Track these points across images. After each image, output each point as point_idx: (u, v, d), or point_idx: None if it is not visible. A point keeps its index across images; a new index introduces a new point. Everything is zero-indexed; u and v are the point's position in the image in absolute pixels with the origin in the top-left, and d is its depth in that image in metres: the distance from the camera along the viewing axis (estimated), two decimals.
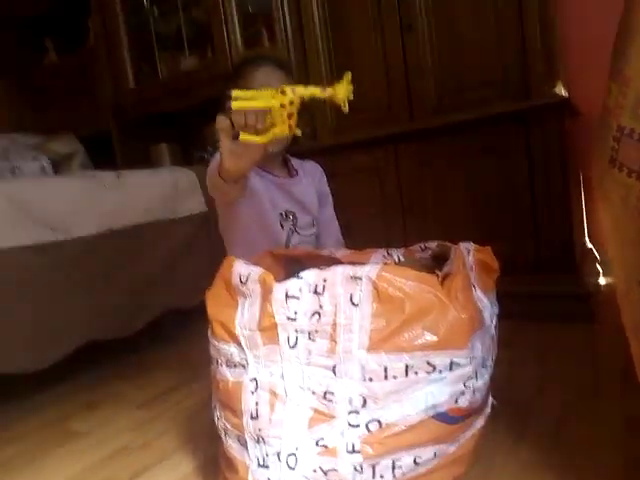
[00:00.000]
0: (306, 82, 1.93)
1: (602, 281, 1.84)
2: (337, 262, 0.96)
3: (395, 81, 1.83)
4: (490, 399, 0.83)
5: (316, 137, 2.03)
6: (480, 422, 0.79)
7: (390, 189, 1.83)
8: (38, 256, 1.35)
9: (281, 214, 1.13)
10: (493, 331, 0.81)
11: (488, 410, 0.81)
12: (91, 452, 1.12)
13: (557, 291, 1.53)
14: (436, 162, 1.73)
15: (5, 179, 1.69)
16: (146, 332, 1.68)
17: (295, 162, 1.22)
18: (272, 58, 1.10)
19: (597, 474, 0.82)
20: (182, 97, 2.37)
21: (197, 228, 1.82)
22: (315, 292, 0.71)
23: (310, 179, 1.21)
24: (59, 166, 2.52)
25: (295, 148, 1.17)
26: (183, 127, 2.77)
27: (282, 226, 1.13)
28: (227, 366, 0.78)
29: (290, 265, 1.07)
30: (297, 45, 2.05)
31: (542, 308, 1.54)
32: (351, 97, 0.83)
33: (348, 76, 0.78)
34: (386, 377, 0.68)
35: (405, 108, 1.82)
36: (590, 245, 1.87)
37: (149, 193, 1.68)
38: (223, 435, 0.80)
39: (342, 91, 0.78)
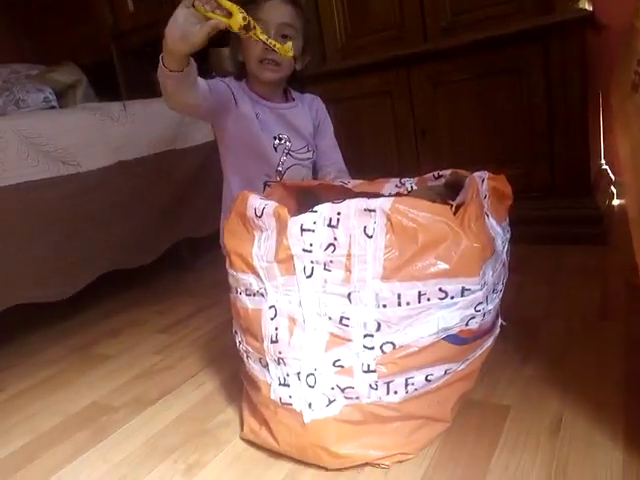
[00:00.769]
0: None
1: (615, 202, 1.83)
2: (349, 192, 0.97)
3: None
4: (499, 320, 0.87)
5: (325, 60, 1.96)
6: (489, 342, 0.83)
7: (402, 113, 1.79)
8: (51, 190, 1.37)
9: (274, 137, 1.14)
10: (504, 256, 0.83)
11: (497, 331, 0.85)
12: (120, 374, 1.20)
13: (570, 214, 1.54)
14: (450, 84, 1.68)
15: (13, 115, 1.67)
16: (162, 261, 1.73)
17: (295, 93, 1.21)
18: None
19: (599, 389, 0.87)
20: None
21: (205, 158, 1.81)
22: (329, 225, 0.72)
23: (307, 108, 1.21)
24: (63, 96, 2.46)
25: (302, 74, 1.16)
26: None
27: (275, 149, 1.14)
28: (246, 295, 0.81)
29: (302, 196, 1.08)
30: None
31: (555, 231, 1.56)
32: (290, 53, 0.90)
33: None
34: (399, 304, 0.71)
35: (418, 27, 1.74)
36: (605, 166, 1.85)
37: (156, 123, 1.66)
38: (245, 357, 0.85)
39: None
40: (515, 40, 1.53)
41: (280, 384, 0.77)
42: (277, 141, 1.14)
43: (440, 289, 0.71)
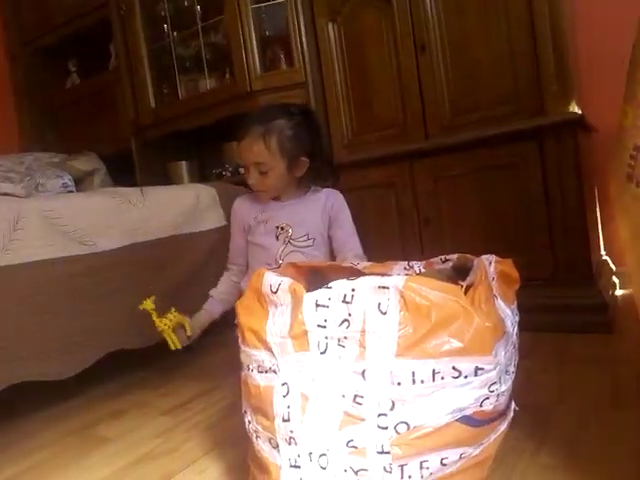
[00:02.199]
0: (323, 101, 2.01)
1: (619, 292, 1.86)
2: (359, 274, 1.00)
3: (410, 100, 1.89)
4: (512, 404, 0.86)
5: (332, 154, 2.08)
6: (503, 426, 0.81)
7: (406, 204, 1.87)
8: (68, 268, 1.40)
9: (277, 227, 1.28)
10: (515, 338, 0.85)
11: (510, 415, 0.84)
12: (119, 457, 1.16)
13: (574, 303, 1.56)
14: (451, 178, 1.77)
15: (37, 197, 1.75)
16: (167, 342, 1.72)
17: (314, 189, 1.33)
18: (255, 126, 1.21)
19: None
20: (200, 116, 2.44)
21: (217, 241, 1.87)
22: (344, 301, 0.74)
23: (321, 201, 1.31)
24: (81, 183, 2.58)
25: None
26: (200, 145, 2.85)
27: (277, 237, 1.28)
28: (258, 371, 0.81)
29: (312, 277, 1.11)
30: (313, 66, 2.12)
31: (560, 320, 1.57)
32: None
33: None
34: (414, 381, 0.71)
35: (420, 126, 1.87)
36: (606, 257, 1.90)
37: (172, 208, 1.73)
38: (254, 438, 0.83)
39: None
40: (512, 138, 1.65)
41: (291, 465, 0.75)
42: (279, 230, 1.28)
43: (454, 367, 0.71)
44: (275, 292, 0.81)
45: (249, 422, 0.85)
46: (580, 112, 1.60)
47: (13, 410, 1.49)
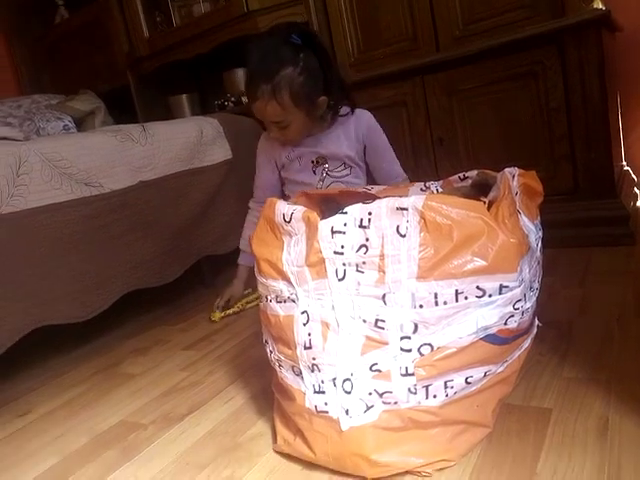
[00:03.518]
0: (325, 17, 1.86)
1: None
2: (373, 198, 0.96)
3: (419, 10, 1.76)
4: (536, 321, 0.84)
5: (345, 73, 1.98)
6: (527, 343, 0.80)
7: (419, 123, 1.79)
8: (75, 211, 1.38)
9: (312, 161, 1.26)
10: (539, 254, 0.82)
11: (534, 331, 0.83)
12: (147, 391, 1.19)
13: (596, 215, 1.51)
14: (466, 92, 1.68)
15: (38, 139, 1.70)
16: (184, 279, 1.73)
17: (340, 119, 1.26)
18: (262, 85, 1.11)
19: None
20: (197, 44, 2.31)
21: (224, 175, 1.82)
22: (361, 226, 0.71)
23: (351, 130, 1.26)
24: (82, 124, 2.52)
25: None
26: (200, 76, 2.73)
27: (314, 172, 1.27)
28: (277, 302, 0.80)
29: (325, 204, 1.07)
30: None
31: (581, 234, 1.53)
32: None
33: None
34: (436, 303, 0.69)
35: (430, 38, 1.75)
36: (627, 167, 1.82)
37: (176, 144, 1.68)
38: (277, 367, 0.83)
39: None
40: (529, 45, 1.53)
41: (315, 392, 0.75)
42: (315, 164, 1.27)
43: (478, 287, 0.69)
44: (289, 221, 0.78)
45: (271, 352, 0.85)
46: (604, 8, 1.47)
47: (36, 355, 1.52)
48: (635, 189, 1.81)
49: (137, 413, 1.10)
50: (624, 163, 1.82)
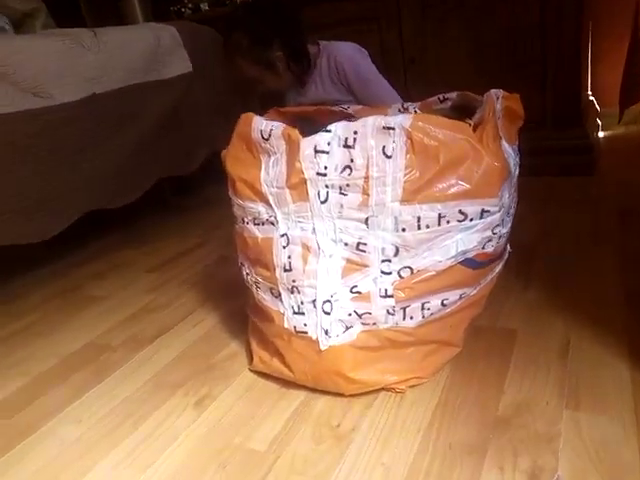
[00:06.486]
0: None
1: (601, 134, 1.84)
2: (349, 117, 0.92)
3: None
4: (507, 246, 0.86)
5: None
6: (499, 267, 0.82)
7: (390, 42, 1.71)
8: (24, 124, 1.27)
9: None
10: (515, 180, 0.82)
11: (506, 256, 0.85)
12: (114, 313, 1.17)
13: (561, 145, 1.53)
14: (440, 7, 1.60)
15: None
16: (144, 202, 1.66)
17: (316, 70, 1.29)
18: (225, 50, 1.27)
19: (600, 310, 0.89)
20: None
21: (183, 91, 1.71)
22: (345, 145, 0.69)
23: (325, 73, 1.29)
24: (19, 26, 2.27)
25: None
26: None
27: None
28: (254, 224, 0.78)
29: (300, 123, 1.03)
30: None
31: (545, 162, 1.55)
32: None
33: None
34: (419, 227, 0.69)
35: None
36: (592, 97, 1.84)
37: (131, 52, 1.54)
38: (254, 289, 0.82)
39: None
40: None
41: (294, 312, 0.75)
42: None
43: (460, 211, 0.69)
44: (267, 139, 0.74)
45: (247, 274, 0.84)
46: None
47: None
48: (597, 119, 1.83)
49: (105, 335, 1.08)
50: (590, 92, 1.83)
